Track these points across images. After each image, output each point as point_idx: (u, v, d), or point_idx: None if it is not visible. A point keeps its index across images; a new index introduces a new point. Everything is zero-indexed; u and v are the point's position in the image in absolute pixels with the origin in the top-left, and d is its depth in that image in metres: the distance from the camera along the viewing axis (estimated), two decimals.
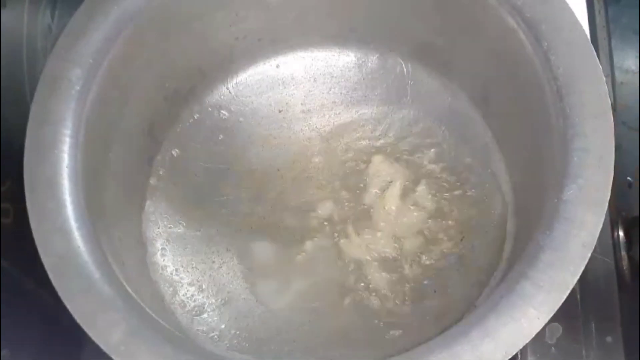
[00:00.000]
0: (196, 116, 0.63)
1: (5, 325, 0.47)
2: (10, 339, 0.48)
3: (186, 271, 0.58)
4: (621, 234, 0.57)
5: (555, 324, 0.38)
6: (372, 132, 0.63)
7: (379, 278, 0.57)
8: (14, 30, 0.50)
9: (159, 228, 0.60)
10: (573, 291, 0.40)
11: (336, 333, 0.56)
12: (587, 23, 0.63)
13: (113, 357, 0.40)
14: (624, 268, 0.56)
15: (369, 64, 0.65)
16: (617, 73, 0.67)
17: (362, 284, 0.57)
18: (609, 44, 0.67)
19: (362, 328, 0.56)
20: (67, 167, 0.46)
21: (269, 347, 0.56)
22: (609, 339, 0.54)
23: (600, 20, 0.68)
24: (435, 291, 0.56)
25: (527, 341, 0.39)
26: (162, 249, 0.59)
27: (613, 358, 0.53)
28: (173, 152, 0.62)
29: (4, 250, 0.48)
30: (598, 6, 0.68)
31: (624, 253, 0.56)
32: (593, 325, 0.54)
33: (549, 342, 0.53)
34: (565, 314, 0.38)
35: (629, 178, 0.61)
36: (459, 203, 0.59)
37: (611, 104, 0.45)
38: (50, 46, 0.55)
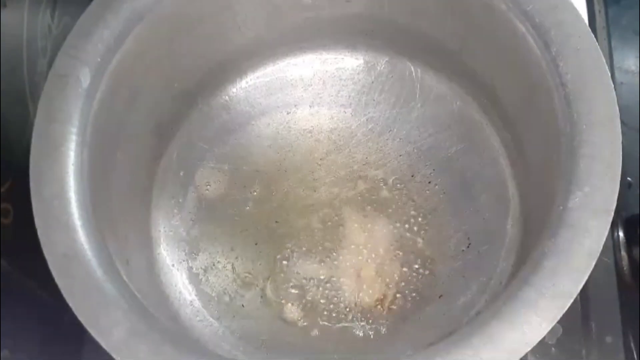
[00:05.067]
0: (204, 117, 0.63)
1: (5, 325, 0.47)
2: (10, 339, 0.48)
3: (191, 271, 0.59)
4: (621, 234, 0.57)
5: (556, 324, 0.38)
6: (379, 136, 0.63)
7: (382, 282, 0.57)
8: (14, 30, 0.50)
9: (164, 227, 0.60)
10: None
11: (338, 337, 0.56)
12: (587, 23, 0.63)
13: (114, 356, 0.40)
14: (624, 268, 0.56)
15: (378, 68, 0.64)
16: (617, 73, 0.67)
17: (365, 287, 0.57)
18: (609, 45, 0.67)
19: (364, 333, 0.56)
20: (73, 165, 0.46)
21: (272, 348, 0.56)
22: (609, 339, 0.54)
23: (600, 20, 0.68)
24: (440, 296, 0.56)
25: (530, 348, 0.39)
26: (167, 248, 0.59)
27: (613, 358, 0.53)
28: (180, 152, 0.62)
29: (4, 250, 0.48)
30: (598, 6, 0.68)
31: (624, 253, 0.57)
32: (593, 325, 0.54)
33: (549, 342, 0.53)
34: (565, 314, 0.38)
35: (629, 178, 0.61)
36: (466, 208, 0.59)
37: None
38: (50, 46, 0.55)
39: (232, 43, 0.61)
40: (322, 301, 0.57)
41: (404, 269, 0.57)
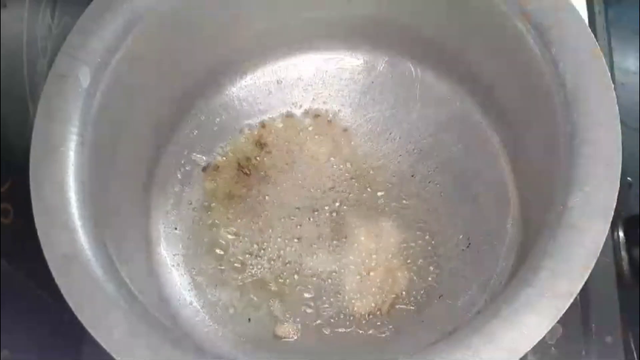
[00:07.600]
0: (204, 117, 0.63)
1: (5, 325, 0.47)
2: (10, 339, 0.48)
3: (191, 271, 0.58)
4: (621, 234, 0.57)
5: (556, 324, 0.38)
6: (379, 136, 0.63)
7: (383, 283, 0.57)
8: (14, 30, 0.50)
9: (165, 228, 0.60)
10: None
11: (338, 338, 0.56)
12: (587, 23, 0.64)
13: (114, 356, 0.40)
14: (624, 268, 0.56)
15: (378, 68, 0.65)
16: (617, 73, 0.67)
17: (366, 288, 0.57)
18: (609, 44, 0.67)
19: (365, 333, 0.56)
20: (73, 165, 0.46)
21: (273, 349, 0.56)
22: (609, 339, 0.54)
23: (600, 20, 0.68)
24: (440, 296, 0.56)
25: (529, 348, 0.39)
26: (167, 248, 0.59)
27: (613, 358, 0.53)
28: (180, 152, 0.62)
29: (4, 250, 0.48)
30: (598, 7, 0.68)
31: (624, 253, 0.57)
32: (593, 325, 0.54)
33: (549, 342, 0.53)
34: (565, 314, 0.38)
35: (628, 178, 0.61)
36: (466, 209, 0.59)
37: None
38: (50, 46, 0.55)
39: (232, 43, 0.61)
40: (323, 302, 0.57)
41: (404, 270, 0.57)
